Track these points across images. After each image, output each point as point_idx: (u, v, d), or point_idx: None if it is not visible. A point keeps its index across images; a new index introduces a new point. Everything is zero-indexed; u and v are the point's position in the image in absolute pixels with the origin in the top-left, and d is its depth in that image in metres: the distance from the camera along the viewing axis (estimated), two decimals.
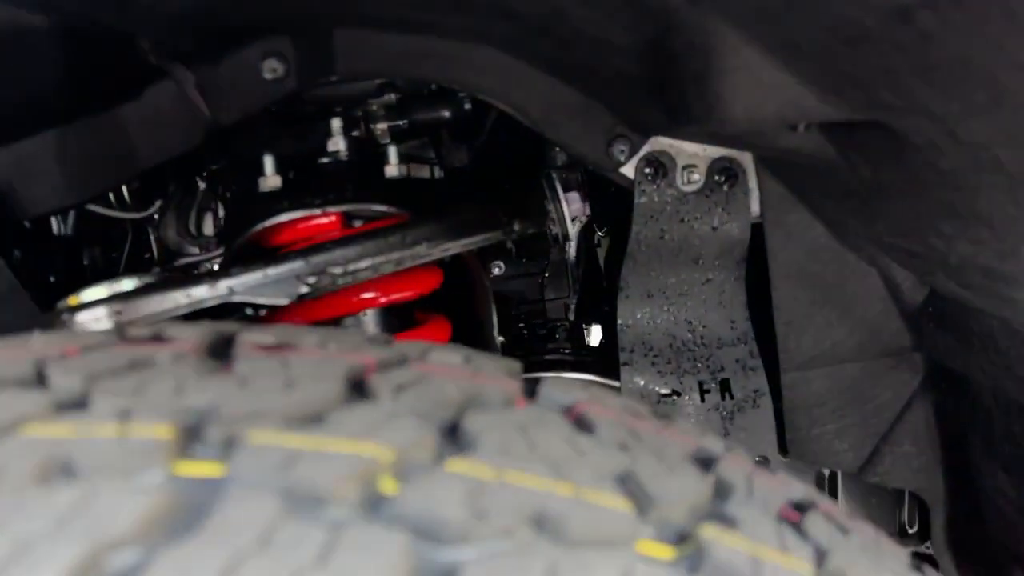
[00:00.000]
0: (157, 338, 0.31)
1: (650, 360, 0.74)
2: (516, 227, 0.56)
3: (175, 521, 0.21)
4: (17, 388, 0.26)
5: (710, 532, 0.23)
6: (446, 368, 0.29)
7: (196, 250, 0.71)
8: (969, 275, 0.53)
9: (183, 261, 0.68)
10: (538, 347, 0.83)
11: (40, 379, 0.27)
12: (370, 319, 0.60)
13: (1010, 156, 0.38)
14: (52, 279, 0.66)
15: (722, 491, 0.27)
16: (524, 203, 0.58)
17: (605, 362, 0.82)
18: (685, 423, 0.37)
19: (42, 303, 0.62)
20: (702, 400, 0.73)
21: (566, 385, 0.31)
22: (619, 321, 0.74)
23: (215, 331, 0.31)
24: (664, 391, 0.73)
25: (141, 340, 0.30)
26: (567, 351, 0.82)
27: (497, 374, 0.30)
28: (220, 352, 0.29)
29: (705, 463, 0.29)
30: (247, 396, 0.26)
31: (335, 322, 0.61)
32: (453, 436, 0.24)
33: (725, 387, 0.74)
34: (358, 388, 0.27)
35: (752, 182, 0.69)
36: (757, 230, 0.71)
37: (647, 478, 0.25)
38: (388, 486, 0.22)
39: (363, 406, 0.26)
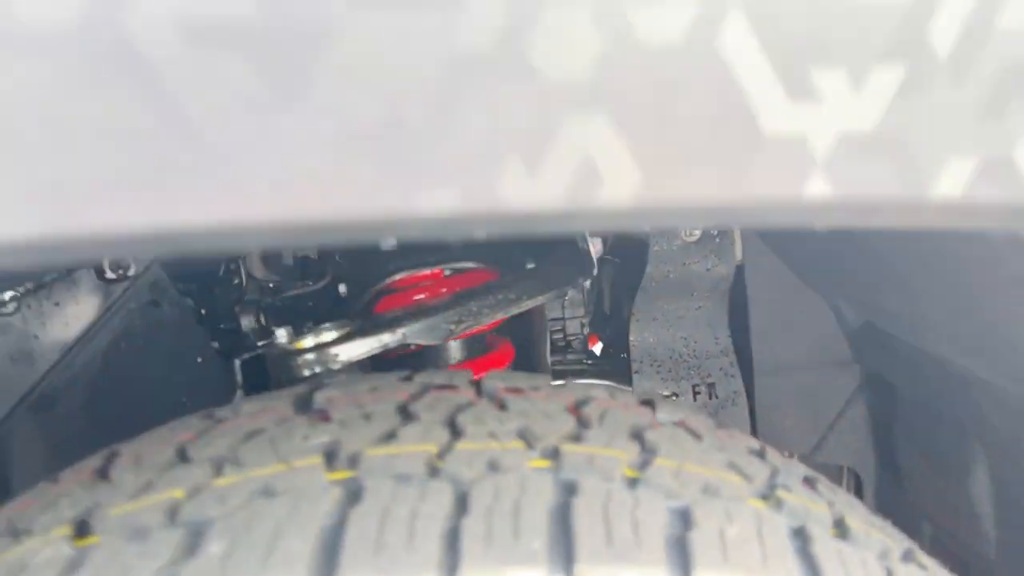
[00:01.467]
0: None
1: (655, 369, 0.95)
2: (579, 279, 0.75)
3: None
4: None
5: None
6: (623, 404, 0.48)
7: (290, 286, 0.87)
8: (895, 318, 0.76)
9: (290, 293, 0.84)
10: (558, 356, 1.03)
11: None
12: (455, 345, 0.78)
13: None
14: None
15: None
16: (578, 257, 0.77)
17: (611, 368, 1.03)
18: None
19: None
20: (694, 399, 0.95)
21: (672, 407, 0.50)
22: (631, 338, 0.95)
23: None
24: (666, 393, 0.95)
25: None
26: (586, 360, 1.02)
27: (634, 401, 0.50)
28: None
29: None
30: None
31: (425, 350, 0.78)
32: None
33: (711, 389, 0.96)
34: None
35: (737, 235, 0.90)
36: (740, 269, 0.93)
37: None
38: None
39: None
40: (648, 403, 0.49)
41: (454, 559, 0.32)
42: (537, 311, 0.84)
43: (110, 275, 0.74)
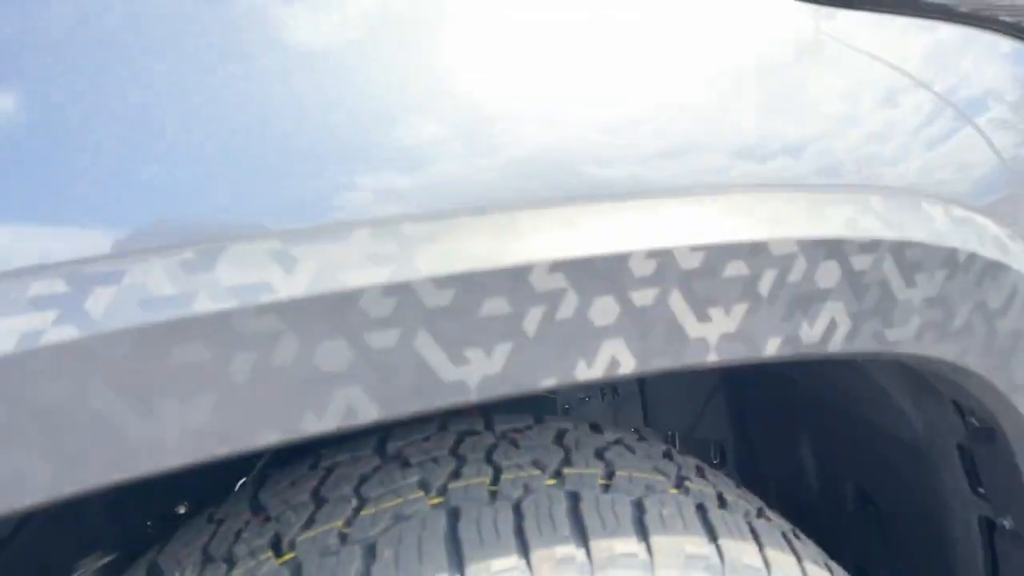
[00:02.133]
0: None
1: None
2: None
3: None
4: None
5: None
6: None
7: None
8: None
9: None
10: None
11: None
12: None
13: None
14: None
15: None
16: None
17: None
18: None
19: None
20: (602, 399, 1.22)
21: (612, 431, 0.76)
22: None
23: None
24: (580, 395, 1.22)
25: None
26: None
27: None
28: None
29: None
30: None
31: None
32: None
33: (615, 391, 1.23)
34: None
35: None
36: None
37: None
38: None
39: None
40: (596, 427, 0.75)
41: None
42: None
43: None
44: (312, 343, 0.40)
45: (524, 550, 0.55)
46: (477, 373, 0.46)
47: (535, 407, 0.80)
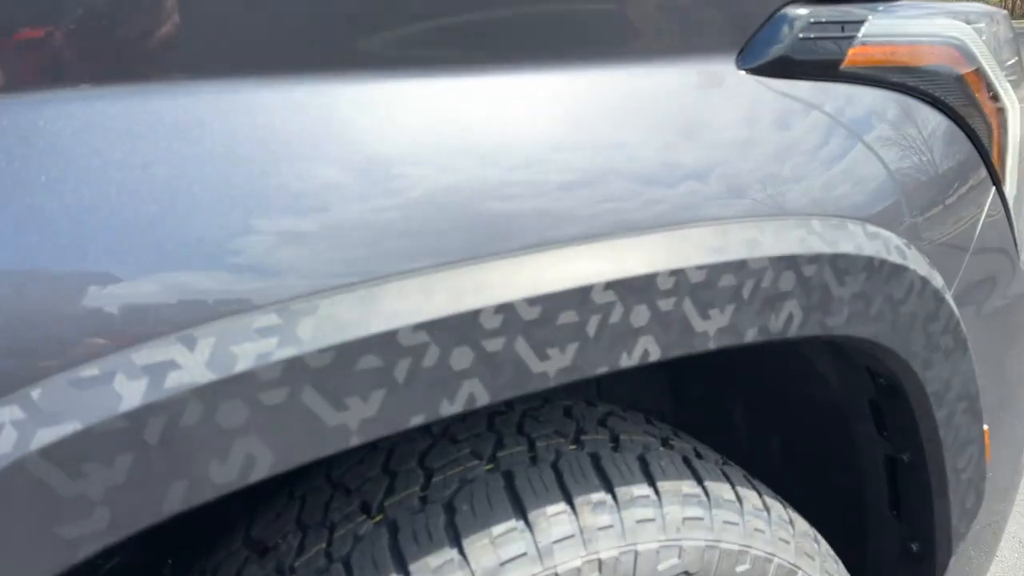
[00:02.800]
0: None
1: None
2: None
3: None
4: None
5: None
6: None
7: None
8: None
9: None
10: None
11: None
12: None
13: None
14: None
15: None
16: None
17: None
18: None
19: None
20: None
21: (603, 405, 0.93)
22: None
23: None
24: None
25: None
26: None
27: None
28: None
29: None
30: None
31: None
32: None
33: None
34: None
35: None
36: None
37: None
38: None
39: None
40: (591, 403, 0.92)
41: None
42: None
43: None
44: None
45: (568, 498, 0.72)
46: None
47: None
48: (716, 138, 0.70)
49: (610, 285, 0.60)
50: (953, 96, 0.87)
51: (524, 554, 0.67)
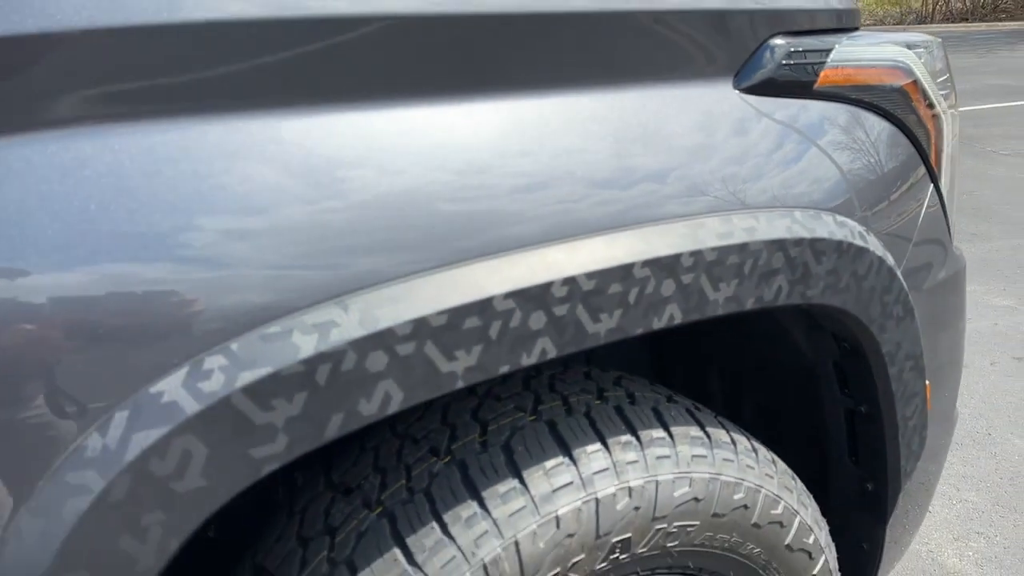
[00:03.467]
0: None
1: None
2: None
3: None
4: None
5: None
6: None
7: None
8: None
9: None
10: None
11: None
12: None
13: None
14: None
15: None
16: None
17: None
18: None
19: None
20: None
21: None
22: None
23: None
24: None
25: None
26: None
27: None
28: None
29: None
30: None
31: None
32: None
33: None
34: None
35: None
36: None
37: None
38: None
39: None
40: (604, 368, 1.08)
41: None
42: None
43: None
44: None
45: (602, 439, 0.87)
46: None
47: None
48: (716, 143, 0.87)
49: (647, 263, 0.76)
50: (900, 108, 1.06)
51: (571, 483, 0.83)
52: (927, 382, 1.10)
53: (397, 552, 0.78)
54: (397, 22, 0.69)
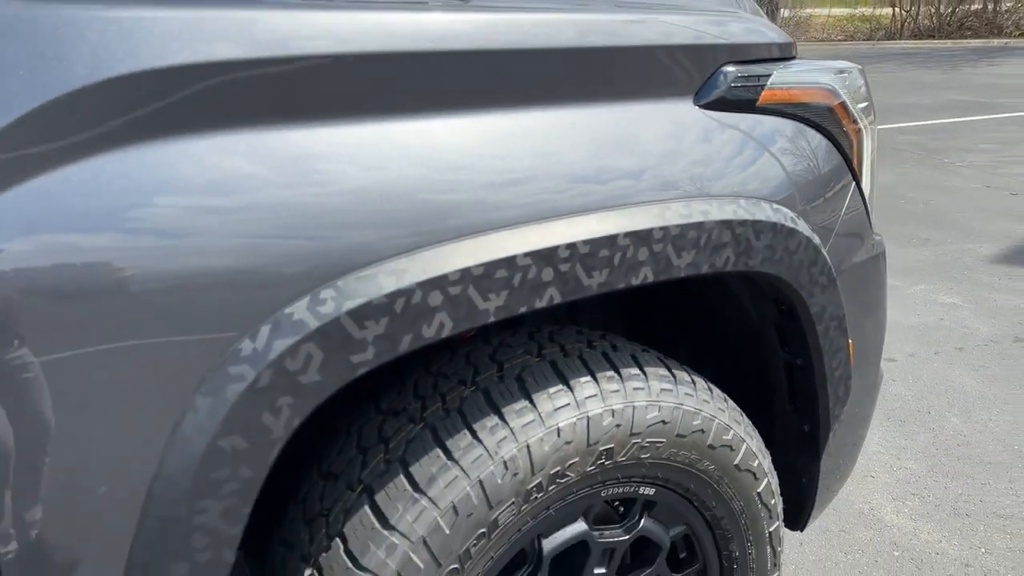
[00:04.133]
0: None
1: None
2: None
3: None
4: None
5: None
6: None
7: None
8: None
9: None
10: None
11: None
12: None
13: None
14: None
15: None
16: None
17: None
18: None
19: None
20: None
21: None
22: None
23: None
24: None
25: None
26: None
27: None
28: None
29: None
30: None
31: None
32: None
33: None
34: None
35: None
36: None
37: None
38: None
39: None
40: (585, 327, 1.34)
41: None
42: None
43: None
44: None
45: (592, 374, 1.13)
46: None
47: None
48: (678, 146, 1.13)
49: (627, 234, 1.03)
50: (830, 123, 1.33)
51: (568, 404, 1.09)
52: (850, 340, 1.37)
53: (438, 451, 1.03)
54: (429, 56, 0.94)
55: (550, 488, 1.08)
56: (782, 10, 25.73)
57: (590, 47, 1.07)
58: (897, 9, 22.74)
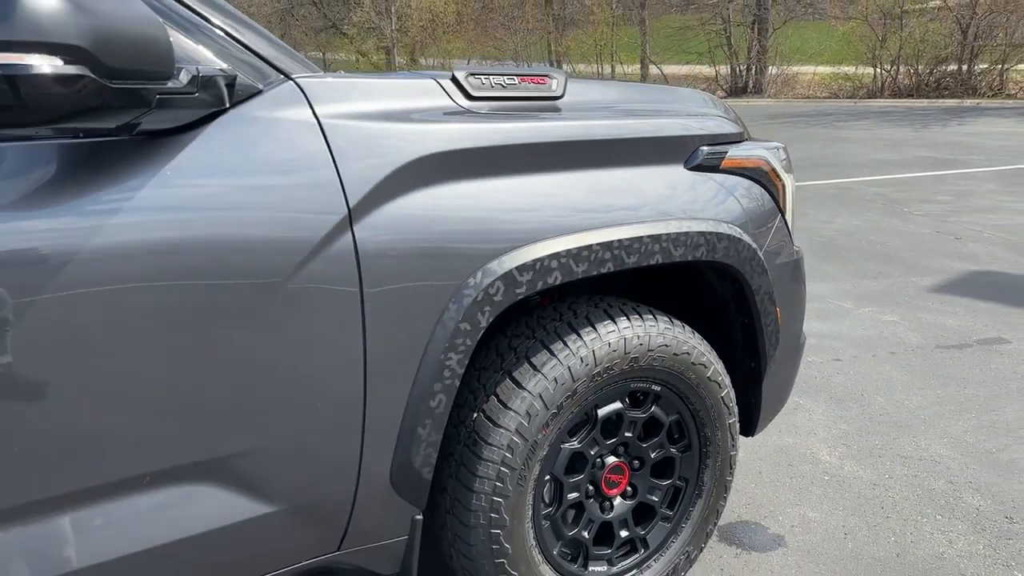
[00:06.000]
0: None
1: None
2: None
3: None
4: None
5: None
6: None
7: None
8: None
9: None
10: None
11: None
12: None
13: None
14: None
15: None
16: None
17: None
18: None
19: None
20: None
21: None
22: None
23: None
24: None
25: None
26: None
27: None
28: None
29: None
30: None
31: None
32: None
33: None
34: None
35: None
36: None
37: None
38: None
39: None
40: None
41: None
42: None
43: None
44: None
45: (627, 316, 2.03)
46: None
47: None
48: (676, 192, 2.05)
49: (648, 236, 1.94)
50: (764, 178, 2.26)
51: (614, 330, 1.98)
52: (778, 308, 2.28)
53: (545, 352, 1.92)
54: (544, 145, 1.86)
55: (603, 375, 1.97)
56: (770, 68, 27.10)
57: (626, 138, 1.99)
58: (878, 69, 24.11)
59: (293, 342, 1.51)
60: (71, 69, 1.08)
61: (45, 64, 1.07)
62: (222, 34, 1.46)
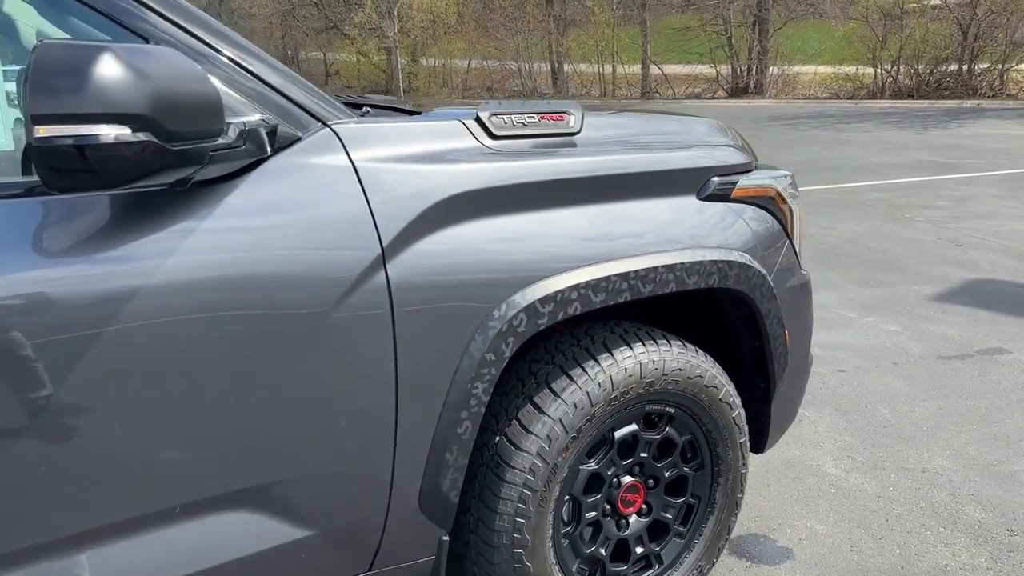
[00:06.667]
0: None
1: None
2: None
3: None
4: None
5: None
6: None
7: None
8: None
9: None
10: None
11: None
12: None
13: None
14: None
15: None
16: None
17: None
18: None
19: None
20: None
21: None
22: None
23: None
24: None
25: None
26: None
27: None
28: None
29: None
30: None
31: None
32: None
33: None
34: None
35: None
36: None
37: None
38: None
39: None
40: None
41: None
42: None
43: None
44: None
45: (643, 343, 2.12)
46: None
47: None
48: (689, 221, 2.13)
49: (663, 266, 2.02)
50: (771, 205, 2.34)
51: (630, 356, 2.07)
52: (787, 331, 2.36)
53: (564, 377, 2.00)
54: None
55: (620, 399, 2.05)
56: (771, 68, 27.17)
57: (640, 172, 2.07)
58: (878, 70, 24.18)
59: (331, 373, 1.59)
60: (137, 136, 1.16)
61: (112, 133, 1.15)
62: (264, 87, 1.54)
